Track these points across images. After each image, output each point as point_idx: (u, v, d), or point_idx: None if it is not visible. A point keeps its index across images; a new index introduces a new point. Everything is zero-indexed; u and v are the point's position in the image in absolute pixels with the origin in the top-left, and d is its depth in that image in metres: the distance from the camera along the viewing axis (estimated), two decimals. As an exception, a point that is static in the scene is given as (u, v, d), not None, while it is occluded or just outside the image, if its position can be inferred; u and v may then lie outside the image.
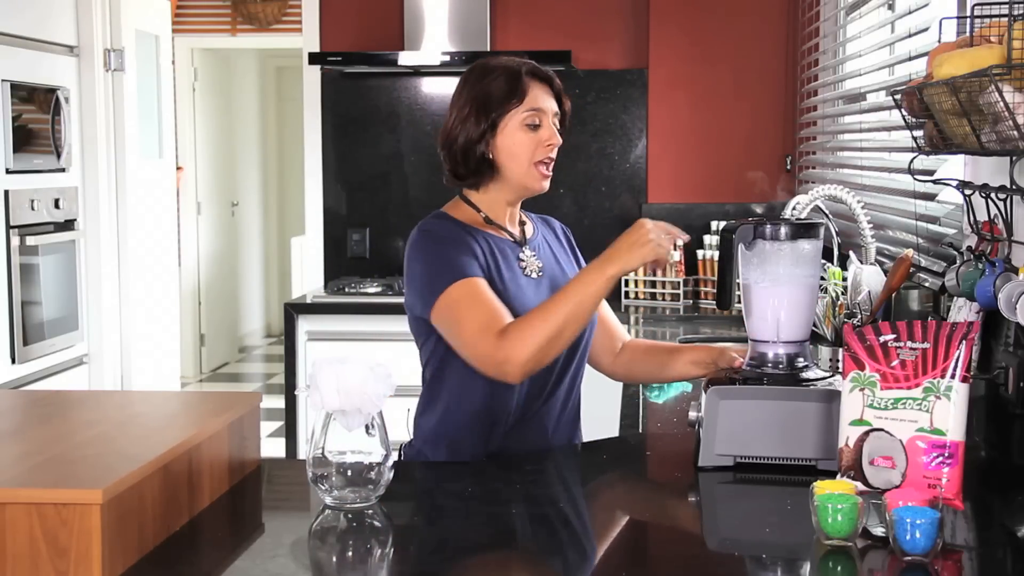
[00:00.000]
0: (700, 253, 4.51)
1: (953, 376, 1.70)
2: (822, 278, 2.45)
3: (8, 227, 4.24)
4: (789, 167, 4.82)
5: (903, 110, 2.25)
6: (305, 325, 4.48)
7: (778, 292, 2.04)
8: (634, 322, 4.13)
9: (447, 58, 4.67)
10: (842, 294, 2.83)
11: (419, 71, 4.89)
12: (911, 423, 1.70)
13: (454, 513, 1.88)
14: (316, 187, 5.07)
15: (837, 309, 2.82)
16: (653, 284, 4.46)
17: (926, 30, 2.93)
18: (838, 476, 1.75)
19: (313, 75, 5.01)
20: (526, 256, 2.25)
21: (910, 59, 3.03)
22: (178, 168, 7.40)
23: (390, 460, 1.80)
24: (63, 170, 4.61)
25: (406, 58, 4.70)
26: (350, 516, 1.77)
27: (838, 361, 2.60)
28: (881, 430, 1.72)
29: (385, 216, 5.03)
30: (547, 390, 2.21)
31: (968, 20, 2.11)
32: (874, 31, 3.66)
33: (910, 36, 3.09)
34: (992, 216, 2.17)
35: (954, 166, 2.62)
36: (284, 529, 1.82)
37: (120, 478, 1.54)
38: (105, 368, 4.88)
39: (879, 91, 3.52)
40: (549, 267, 2.28)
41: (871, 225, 2.99)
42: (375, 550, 1.72)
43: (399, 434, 2.12)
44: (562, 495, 2.03)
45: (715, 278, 2.11)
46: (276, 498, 1.99)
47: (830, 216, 3.30)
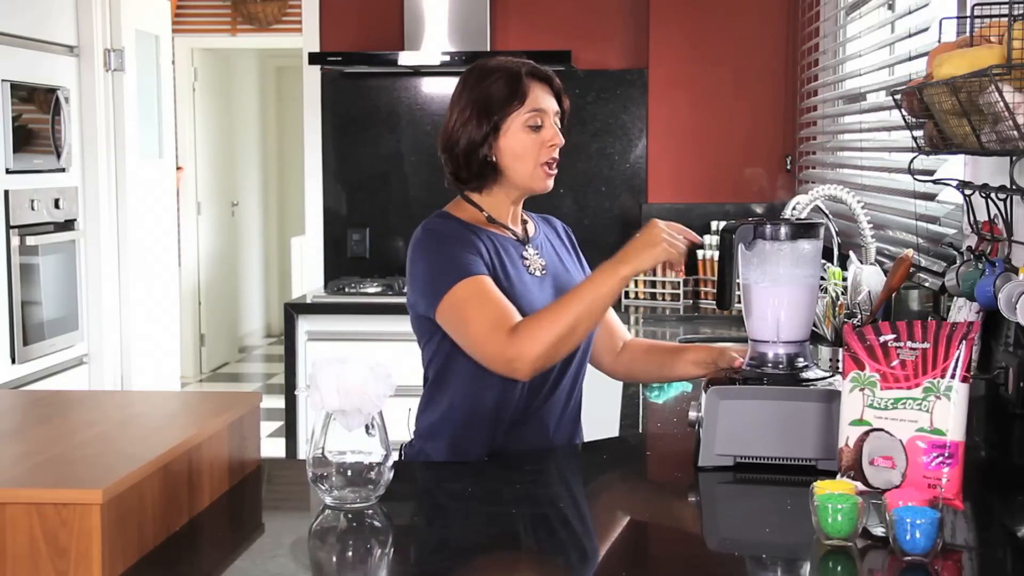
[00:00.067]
0: (700, 253, 4.50)
1: (953, 376, 1.70)
2: (822, 278, 2.45)
3: (8, 227, 4.24)
4: (789, 167, 4.82)
5: (903, 110, 2.25)
6: (305, 325, 4.48)
7: (778, 292, 2.04)
8: (634, 322, 4.12)
9: (447, 58, 4.67)
10: (842, 294, 2.83)
11: (419, 71, 4.89)
12: (911, 423, 1.70)
13: (454, 513, 1.88)
14: (316, 187, 5.07)
15: (837, 309, 2.82)
16: (653, 284, 4.45)
17: (926, 30, 2.93)
18: (838, 476, 1.75)
19: (313, 75, 5.01)
20: (529, 254, 2.25)
21: (910, 59, 3.03)
22: (178, 168, 7.39)
23: (390, 460, 1.80)
24: (63, 170, 4.61)
25: (406, 58, 4.70)
26: (350, 516, 1.77)
27: (838, 361, 2.60)
28: (881, 430, 1.72)
29: (385, 216, 5.03)
30: (549, 388, 2.21)
31: (968, 20, 2.11)
32: (874, 31, 3.66)
33: (910, 36, 3.09)
34: (992, 216, 2.17)
35: (954, 166, 2.62)
36: (284, 529, 1.82)
37: (120, 478, 1.54)
38: (105, 368, 4.88)
39: (879, 91, 3.52)
40: (552, 265, 2.28)
41: (871, 225, 2.99)
42: (375, 550, 1.72)
43: (400, 434, 2.12)
44: (562, 495, 2.03)
45: (715, 278, 2.11)
46: (276, 498, 1.99)
47: (830, 216, 3.30)
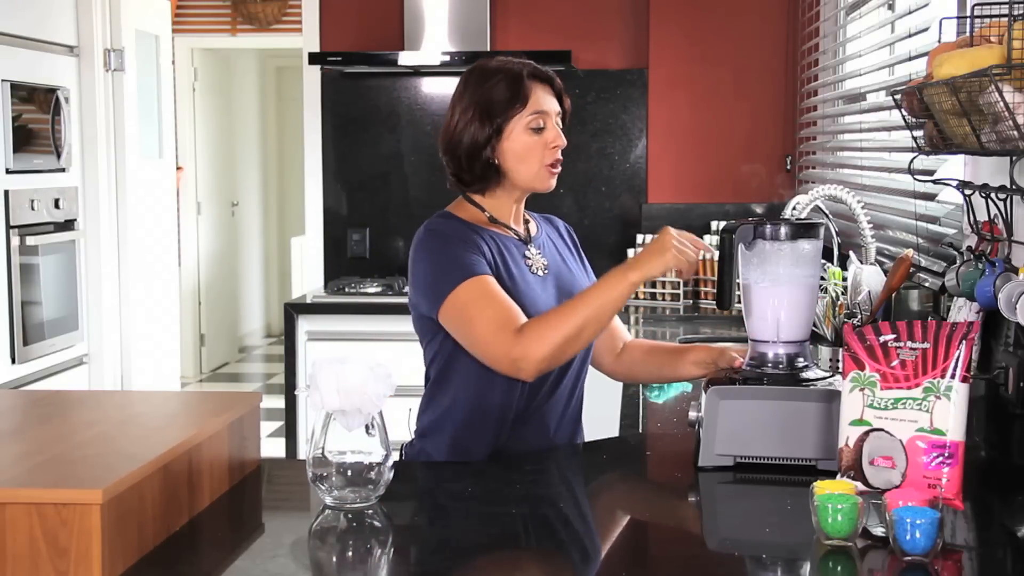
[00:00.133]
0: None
1: (953, 376, 1.70)
2: (822, 278, 2.45)
3: (8, 227, 4.24)
4: (789, 167, 4.82)
5: (903, 110, 2.25)
6: (305, 325, 4.48)
7: (778, 292, 2.04)
8: (634, 322, 4.12)
9: (447, 58, 4.67)
10: (842, 294, 2.82)
11: (419, 71, 4.89)
12: (911, 423, 1.70)
13: (454, 513, 1.88)
14: (316, 187, 5.07)
15: (837, 309, 2.82)
16: (653, 284, 4.45)
17: (926, 30, 2.93)
18: (838, 476, 1.75)
19: (313, 75, 5.01)
20: (532, 254, 2.25)
21: (910, 59, 3.03)
22: (178, 168, 7.39)
23: (390, 460, 1.80)
24: (63, 170, 4.61)
25: (406, 58, 4.70)
26: (350, 516, 1.77)
27: (838, 361, 2.60)
28: (881, 430, 1.72)
29: (385, 216, 5.03)
30: (550, 388, 2.21)
31: (968, 20, 2.11)
32: (874, 31, 3.66)
33: (910, 36, 3.09)
34: (992, 216, 2.17)
35: (954, 166, 2.62)
36: (284, 529, 1.81)
37: (120, 478, 1.54)
38: (105, 368, 4.88)
39: (879, 91, 3.52)
40: (555, 265, 2.28)
41: (871, 225, 2.99)
42: (375, 550, 1.72)
43: (400, 434, 2.12)
44: (562, 495, 2.02)
45: (715, 278, 2.11)
46: (276, 498, 1.99)
47: (830, 216, 3.29)
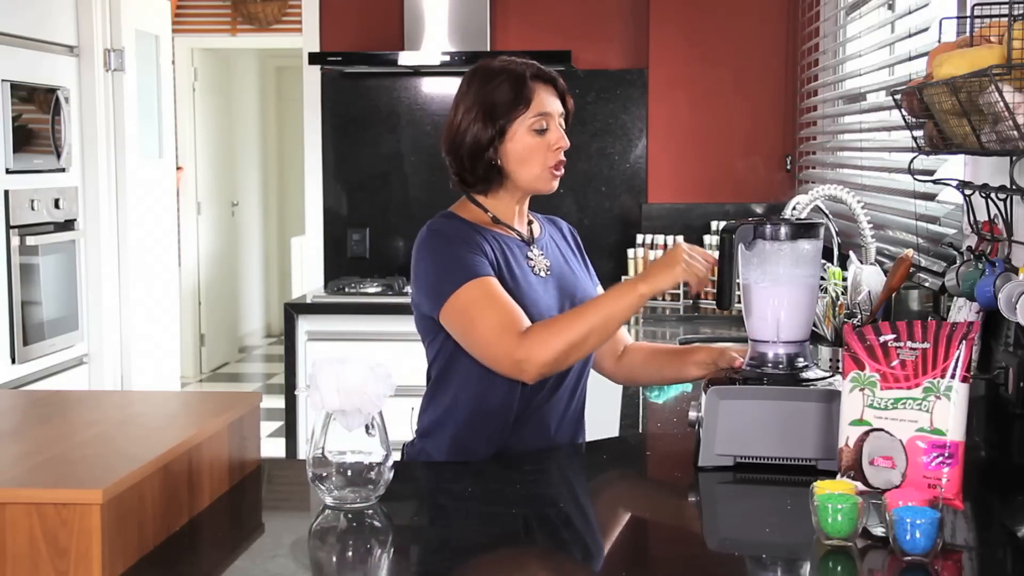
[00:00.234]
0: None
1: (953, 376, 1.70)
2: (822, 278, 2.45)
3: (8, 227, 4.24)
4: (789, 167, 4.82)
5: (903, 110, 2.25)
6: (305, 325, 4.48)
7: (778, 292, 2.04)
8: (634, 322, 4.12)
9: (447, 58, 4.67)
10: (842, 294, 2.82)
11: (419, 71, 4.89)
12: (911, 423, 1.70)
13: (454, 513, 1.88)
14: (316, 187, 5.07)
15: (837, 309, 2.82)
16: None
17: (926, 30, 2.93)
18: (838, 476, 1.75)
19: (313, 75, 5.01)
20: (534, 255, 2.25)
21: (910, 59, 3.03)
22: (178, 168, 7.39)
23: (390, 460, 1.80)
24: (63, 170, 4.61)
25: (406, 58, 4.70)
26: (350, 516, 1.77)
27: (838, 361, 2.60)
28: (881, 430, 1.72)
29: (385, 216, 5.03)
30: (551, 388, 2.21)
31: (968, 20, 2.11)
32: (874, 31, 3.66)
33: (910, 36, 3.09)
34: (992, 216, 2.17)
35: (954, 166, 2.62)
36: (284, 529, 1.81)
37: (120, 478, 1.54)
38: (105, 368, 4.88)
39: (879, 91, 3.52)
40: (557, 266, 2.28)
41: (871, 225, 2.99)
42: (375, 550, 1.72)
43: (400, 434, 2.12)
44: (562, 495, 2.03)
45: (715, 278, 2.11)
46: (276, 498, 1.99)
47: (830, 216, 3.30)
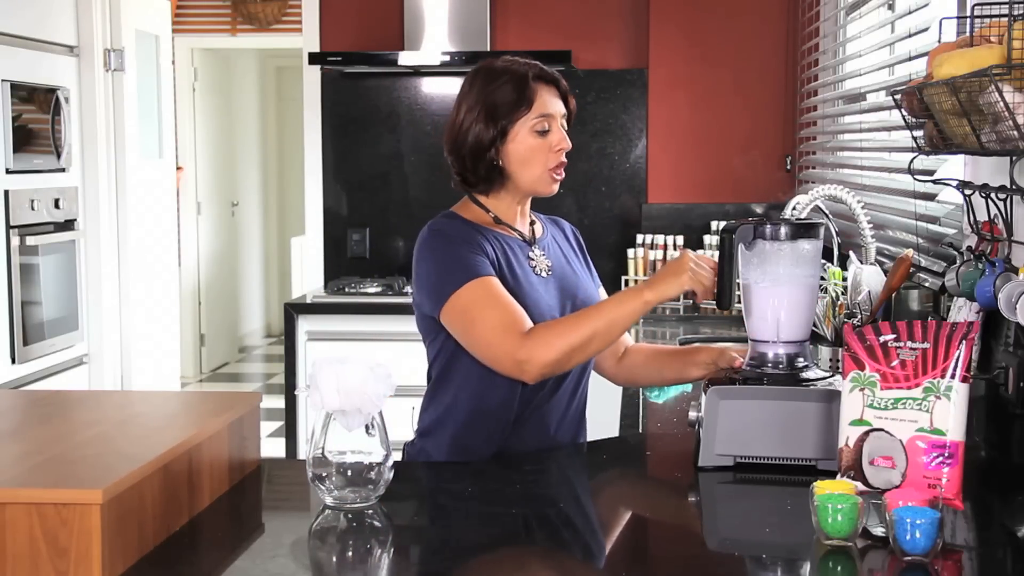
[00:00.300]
0: (700, 253, 4.49)
1: (953, 376, 1.70)
2: (822, 278, 2.45)
3: (8, 227, 4.24)
4: (789, 167, 4.82)
5: (903, 110, 2.25)
6: (305, 325, 4.48)
7: (778, 292, 2.04)
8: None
9: (447, 58, 4.66)
10: (842, 294, 2.82)
11: (419, 71, 4.89)
12: (911, 423, 1.70)
13: (454, 513, 1.88)
14: (316, 187, 5.07)
15: (837, 309, 2.82)
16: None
17: (926, 30, 2.93)
18: (838, 476, 1.75)
19: (313, 75, 5.01)
20: (535, 255, 2.25)
21: (910, 59, 3.03)
22: (178, 168, 7.39)
23: (390, 460, 1.80)
24: (63, 170, 4.61)
25: (406, 58, 4.70)
26: (350, 516, 1.77)
27: (838, 361, 2.60)
28: (881, 430, 1.72)
29: (385, 216, 5.03)
30: (551, 388, 2.21)
31: (968, 20, 2.11)
32: (874, 31, 3.66)
33: (910, 36, 3.09)
34: (992, 216, 2.17)
35: (954, 166, 2.62)
36: (284, 529, 1.82)
37: (120, 478, 1.54)
38: (105, 368, 4.88)
39: (879, 91, 3.52)
40: (559, 266, 2.28)
41: (871, 225, 2.99)
42: (375, 550, 1.72)
43: (401, 433, 2.12)
44: (562, 495, 2.03)
45: (715, 278, 2.11)
46: (276, 498, 1.99)
47: (830, 216, 3.29)
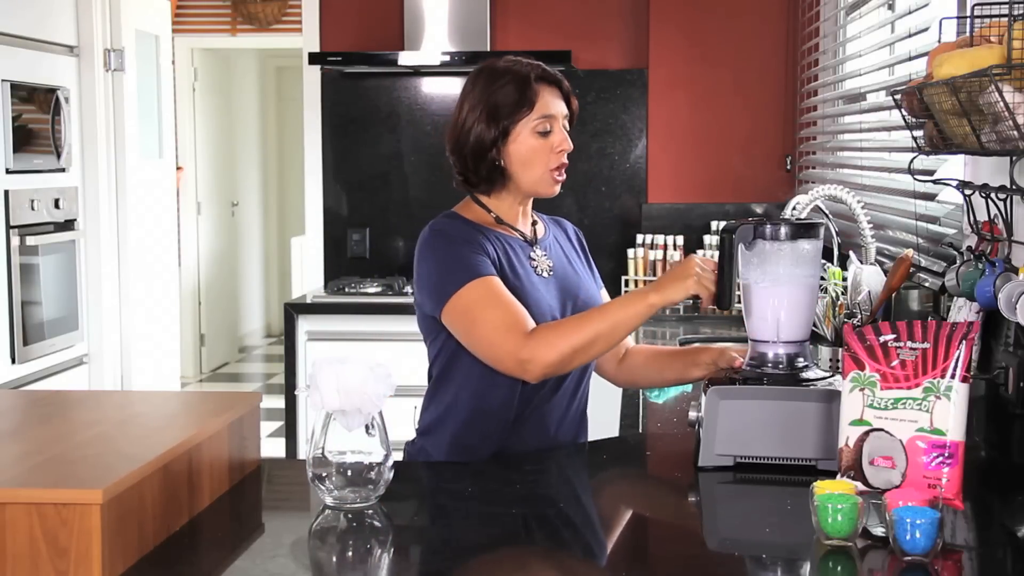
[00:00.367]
0: (700, 253, 4.51)
1: (953, 376, 1.70)
2: (822, 278, 2.45)
3: (8, 227, 4.24)
4: (789, 167, 4.82)
5: (903, 110, 2.25)
6: (305, 325, 4.48)
7: (778, 292, 2.04)
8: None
9: (447, 58, 4.66)
10: (842, 294, 2.82)
11: (419, 71, 4.88)
12: (911, 423, 1.70)
13: (454, 513, 1.88)
14: (316, 187, 5.07)
15: (837, 309, 2.82)
16: (653, 284, 4.44)
17: (926, 30, 2.93)
18: (838, 476, 1.75)
19: (313, 75, 5.01)
20: (537, 255, 2.25)
21: (910, 59, 3.03)
22: (178, 168, 7.39)
23: (390, 460, 1.80)
24: (63, 170, 4.61)
25: (406, 58, 4.70)
26: (350, 516, 1.77)
27: (838, 361, 2.60)
28: (881, 430, 1.72)
29: (385, 216, 5.03)
30: (552, 388, 2.21)
31: (968, 20, 2.11)
32: (874, 31, 3.66)
33: (910, 36, 3.09)
34: (992, 216, 2.17)
35: (954, 166, 2.62)
36: (284, 529, 1.82)
37: (120, 478, 1.54)
38: (105, 368, 4.88)
39: (879, 91, 3.52)
40: (560, 267, 2.28)
41: (871, 225, 2.99)
42: (375, 550, 1.72)
43: (401, 433, 2.12)
44: (562, 495, 2.03)
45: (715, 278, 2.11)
46: (276, 498, 1.99)
47: (830, 216, 3.29)
